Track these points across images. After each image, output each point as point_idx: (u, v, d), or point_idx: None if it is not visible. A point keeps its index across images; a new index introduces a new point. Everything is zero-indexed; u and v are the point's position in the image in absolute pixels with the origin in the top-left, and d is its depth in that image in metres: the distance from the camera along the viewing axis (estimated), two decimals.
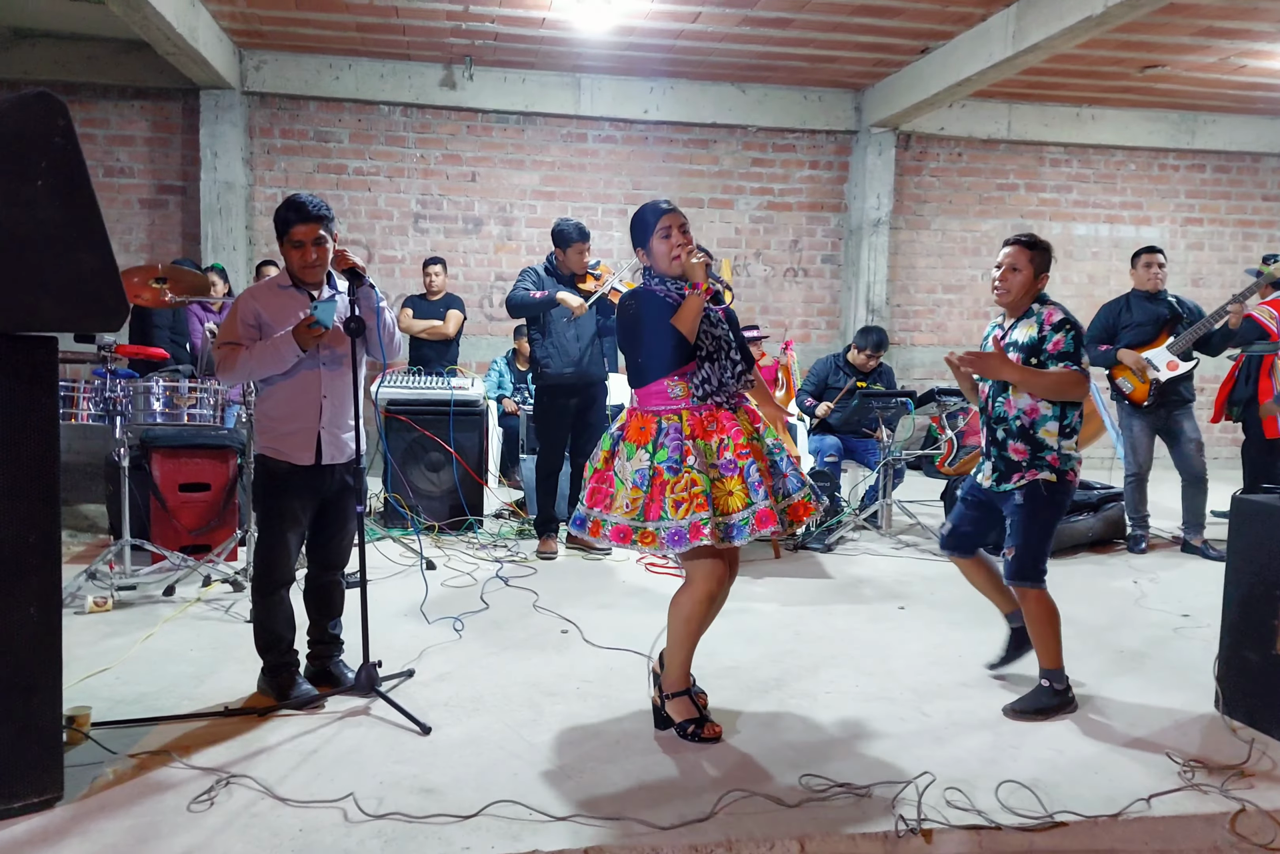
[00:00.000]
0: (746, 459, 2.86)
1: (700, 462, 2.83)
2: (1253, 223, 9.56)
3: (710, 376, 2.90)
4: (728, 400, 2.93)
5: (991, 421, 3.33)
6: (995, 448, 3.32)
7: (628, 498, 2.86)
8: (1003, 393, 3.28)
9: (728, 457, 2.87)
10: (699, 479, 2.80)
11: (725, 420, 2.91)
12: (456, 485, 5.68)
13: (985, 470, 3.37)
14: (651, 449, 2.87)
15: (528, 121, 8.34)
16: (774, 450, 2.97)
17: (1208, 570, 5.26)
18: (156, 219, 8.04)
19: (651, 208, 2.97)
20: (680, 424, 2.87)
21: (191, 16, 6.50)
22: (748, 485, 2.84)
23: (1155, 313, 5.46)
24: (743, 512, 2.83)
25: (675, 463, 2.83)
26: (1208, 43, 6.95)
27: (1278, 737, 3.03)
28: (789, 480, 2.95)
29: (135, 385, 4.25)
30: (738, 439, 2.88)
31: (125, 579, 4.34)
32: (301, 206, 3.03)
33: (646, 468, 2.85)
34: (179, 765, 2.69)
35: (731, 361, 2.94)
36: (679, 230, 2.92)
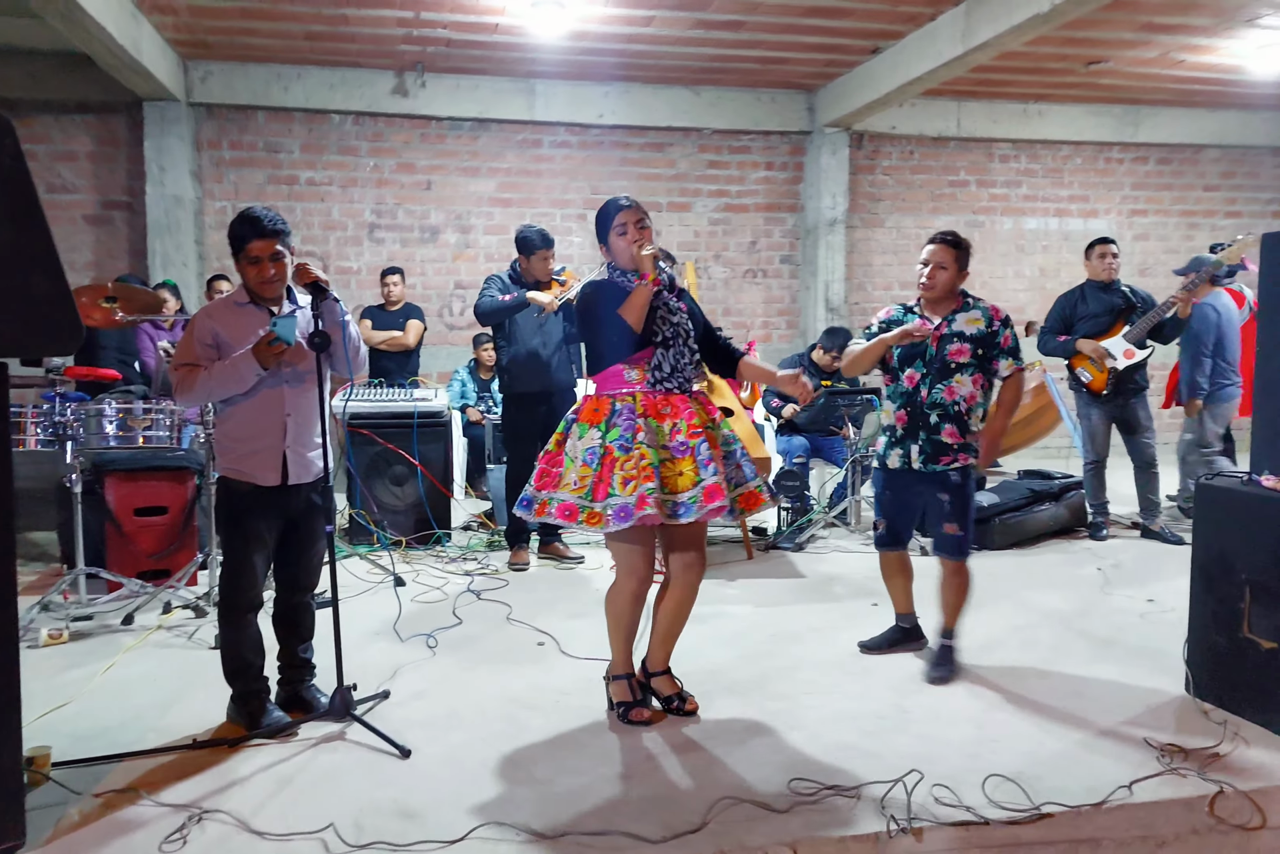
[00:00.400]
0: (698, 439, 2.92)
1: (650, 438, 2.88)
2: (1195, 213, 9.74)
3: (663, 363, 2.97)
4: (680, 387, 2.99)
5: (924, 407, 3.49)
6: (924, 431, 3.50)
7: (576, 475, 2.90)
8: (944, 380, 3.48)
9: (679, 439, 2.92)
10: (648, 453, 2.85)
11: (679, 404, 2.97)
12: (422, 498, 5.61)
13: (906, 454, 3.53)
14: (604, 428, 2.91)
15: (482, 128, 8.27)
16: (729, 441, 3.04)
17: (1168, 555, 5.34)
18: (102, 236, 7.88)
19: (611, 204, 3.05)
20: (634, 404, 2.93)
21: (134, 28, 6.37)
22: (697, 463, 2.89)
23: (1110, 303, 5.54)
24: (691, 490, 2.88)
25: (627, 441, 2.87)
26: (1149, 38, 7.06)
27: (1249, 718, 3.07)
28: (743, 469, 3.03)
29: (86, 408, 4.13)
30: (690, 420, 2.94)
31: (81, 609, 4.21)
32: (256, 221, 2.96)
33: (598, 446, 2.89)
34: (148, 803, 2.60)
35: (689, 349, 3.02)
36: (635, 226, 2.99)
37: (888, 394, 3.63)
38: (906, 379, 3.52)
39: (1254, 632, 3.03)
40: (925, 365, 3.50)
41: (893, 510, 3.68)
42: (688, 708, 3.15)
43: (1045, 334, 5.68)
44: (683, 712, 3.14)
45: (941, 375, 3.48)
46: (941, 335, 3.49)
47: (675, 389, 2.99)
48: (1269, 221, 9.69)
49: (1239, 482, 3.21)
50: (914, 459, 3.52)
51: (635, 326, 2.90)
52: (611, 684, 3.19)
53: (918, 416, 3.51)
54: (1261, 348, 3.21)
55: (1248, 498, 3.10)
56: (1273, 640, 2.96)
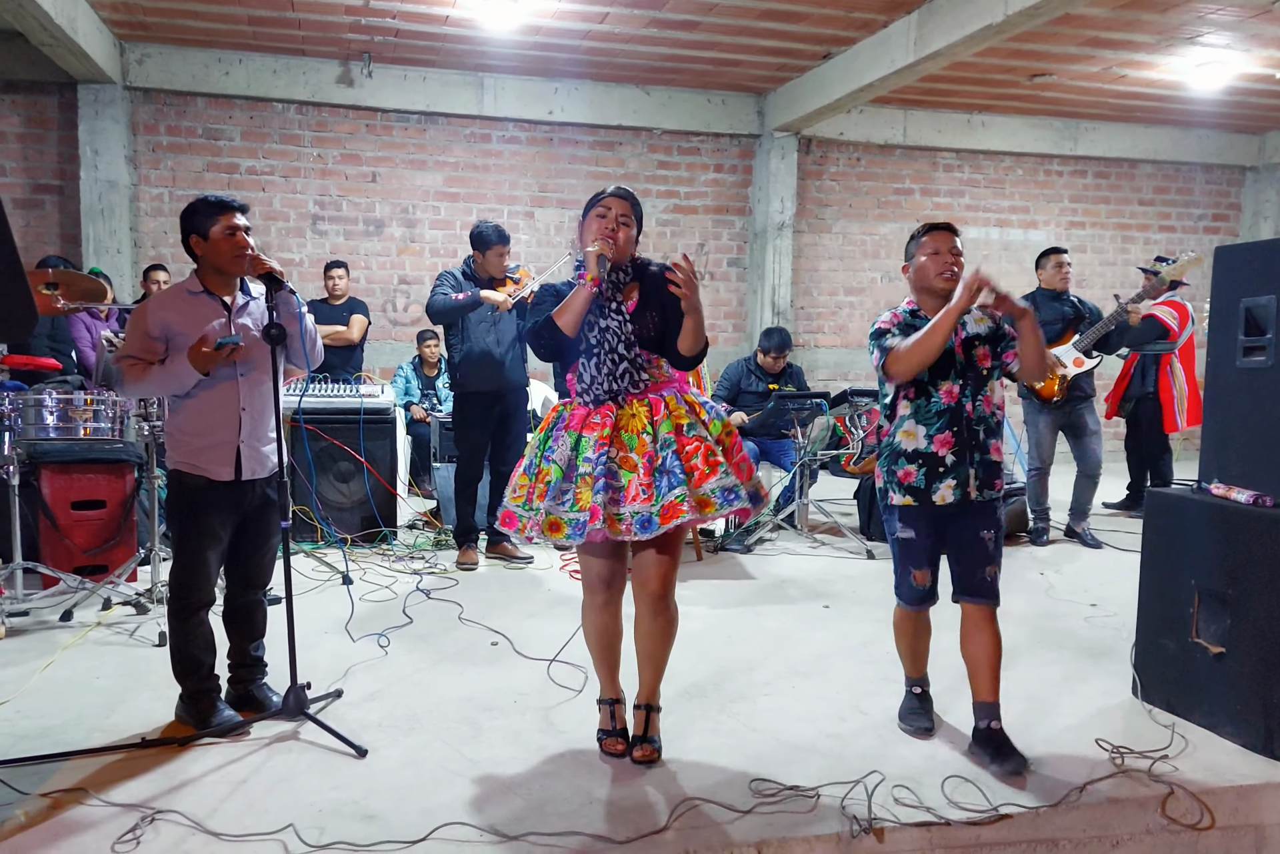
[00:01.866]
0: (600, 451, 2.69)
1: (562, 453, 2.74)
2: (1130, 226, 10.02)
3: (583, 373, 2.76)
4: (596, 400, 2.74)
5: (971, 423, 2.93)
6: (977, 452, 2.94)
7: (517, 482, 2.84)
8: (981, 390, 2.96)
9: (588, 454, 2.71)
10: (550, 470, 2.73)
11: (602, 415, 2.74)
12: (368, 496, 5.51)
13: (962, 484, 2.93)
14: (543, 437, 2.82)
15: (429, 121, 8.16)
16: (664, 445, 2.69)
17: (1108, 560, 5.48)
18: (32, 220, 7.60)
19: (609, 187, 2.85)
20: (568, 413, 2.81)
21: (70, 6, 6.16)
22: (593, 489, 2.67)
23: (1060, 312, 5.66)
24: (581, 513, 2.67)
25: (550, 451, 2.78)
26: (1093, 52, 7.24)
27: (1196, 721, 3.15)
28: (671, 477, 2.65)
29: (25, 398, 3.98)
30: (601, 432, 2.71)
31: (16, 604, 4.06)
32: (221, 199, 2.95)
33: (536, 456, 2.81)
34: (97, 803, 2.52)
35: (616, 357, 2.72)
36: (616, 217, 2.75)
37: (913, 414, 2.97)
38: (945, 394, 2.93)
39: (1202, 636, 3.11)
40: (959, 375, 2.94)
41: (935, 557, 3.04)
42: (635, 755, 2.83)
43: None
44: (632, 758, 2.83)
45: (978, 384, 2.95)
46: (964, 339, 2.96)
47: (591, 402, 2.75)
48: (1200, 236, 10.02)
49: (1189, 489, 3.30)
50: (972, 489, 2.93)
51: (567, 330, 2.70)
52: (599, 708, 2.99)
53: (968, 436, 2.93)
54: (1211, 358, 3.30)
55: (1197, 505, 3.18)
56: (1220, 645, 3.05)
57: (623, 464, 2.69)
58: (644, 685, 2.91)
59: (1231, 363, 3.19)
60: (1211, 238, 10.01)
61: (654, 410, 2.73)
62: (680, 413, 2.75)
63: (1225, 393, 3.23)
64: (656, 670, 2.89)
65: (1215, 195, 10.12)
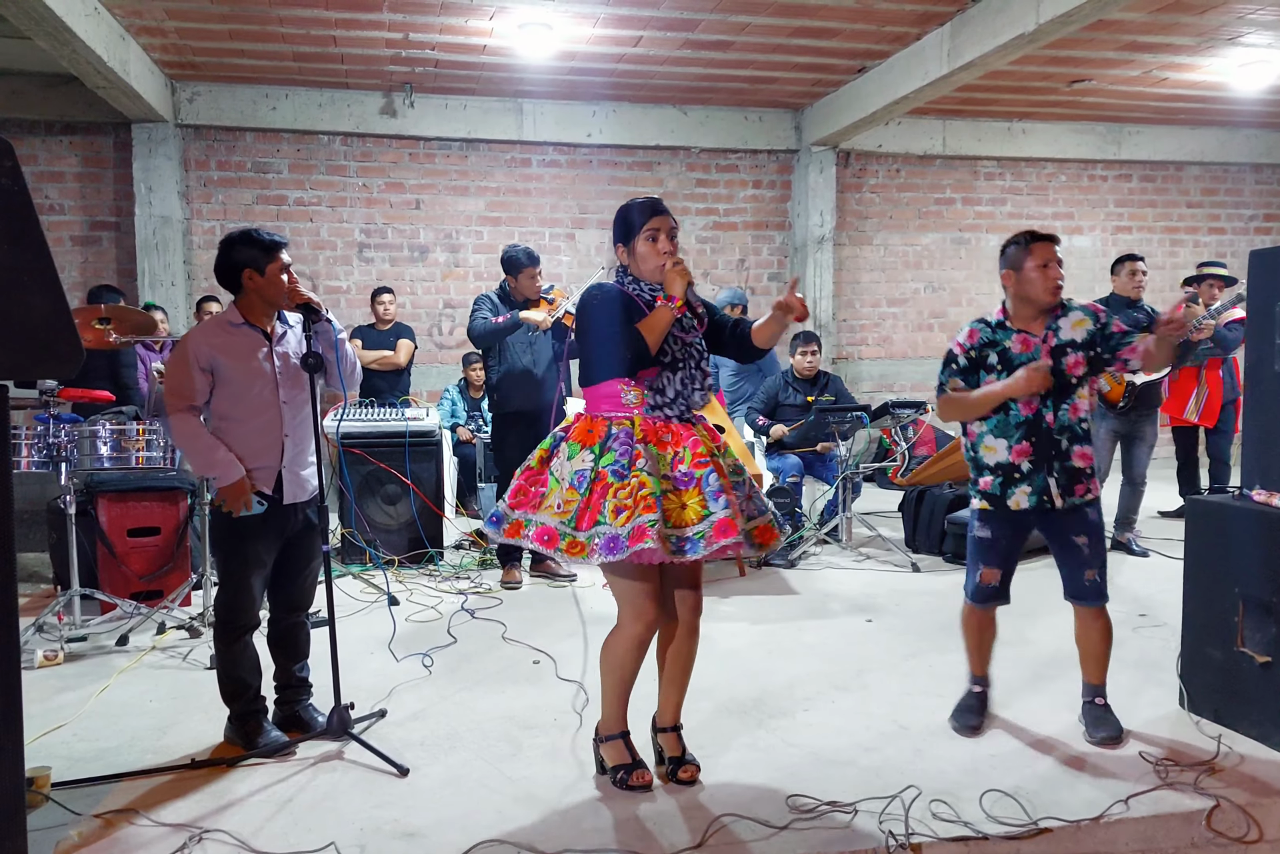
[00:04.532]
0: (705, 468, 2.62)
1: (651, 466, 2.58)
2: (1178, 230, 9.84)
3: (666, 386, 2.69)
4: (680, 415, 2.70)
5: (1053, 432, 3.01)
6: (1057, 460, 3.02)
7: (561, 498, 2.61)
8: (1068, 398, 3.02)
9: (683, 469, 2.62)
10: (648, 481, 2.54)
11: (681, 431, 2.68)
12: (415, 517, 5.60)
13: (1040, 490, 3.02)
14: (598, 451, 2.61)
15: (471, 148, 8.31)
16: (737, 470, 2.73)
17: (1158, 569, 5.37)
18: (90, 256, 7.87)
19: (642, 204, 2.74)
20: (632, 429, 2.64)
21: (122, 49, 6.39)
22: (704, 495, 2.59)
23: (1134, 319, 5.58)
24: (698, 525, 2.57)
25: (623, 467, 2.57)
26: (1131, 57, 7.15)
27: (1244, 732, 3.09)
28: (754, 501, 2.74)
29: (80, 430, 4.12)
30: (695, 449, 2.65)
31: (75, 630, 4.19)
32: (275, 239, 3.03)
33: (589, 470, 2.60)
34: (147, 823, 2.59)
35: (700, 373, 2.74)
36: (667, 235, 2.71)
37: (993, 428, 3.06)
38: (1023, 407, 3.01)
39: (1248, 645, 3.05)
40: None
41: (1006, 559, 3.19)
42: (682, 776, 2.79)
43: None
44: (677, 780, 2.79)
45: (1063, 394, 3.02)
46: (1052, 348, 3.02)
47: (675, 417, 2.69)
48: (1251, 238, 9.81)
49: (1230, 496, 3.24)
50: (1055, 495, 3.02)
51: (653, 347, 2.62)
52: (604, 746, 2.84)
53: (1047, 445, 3.01)
54: (1249, 365, 3.25)
55: (1239, 512, 3.13)
56: (1266, 654, 2.99)
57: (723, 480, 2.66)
58: (672, 707, 2.91)
59: (1269, 367, 3.14)
60: (1263, 239, 9.80)
61: (712, 436, 2.76)
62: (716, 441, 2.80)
63: (1264, 398, 3.18)
64: (683, 689, 2.91)
65: (1266, 195, 9.90)
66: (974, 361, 3.08)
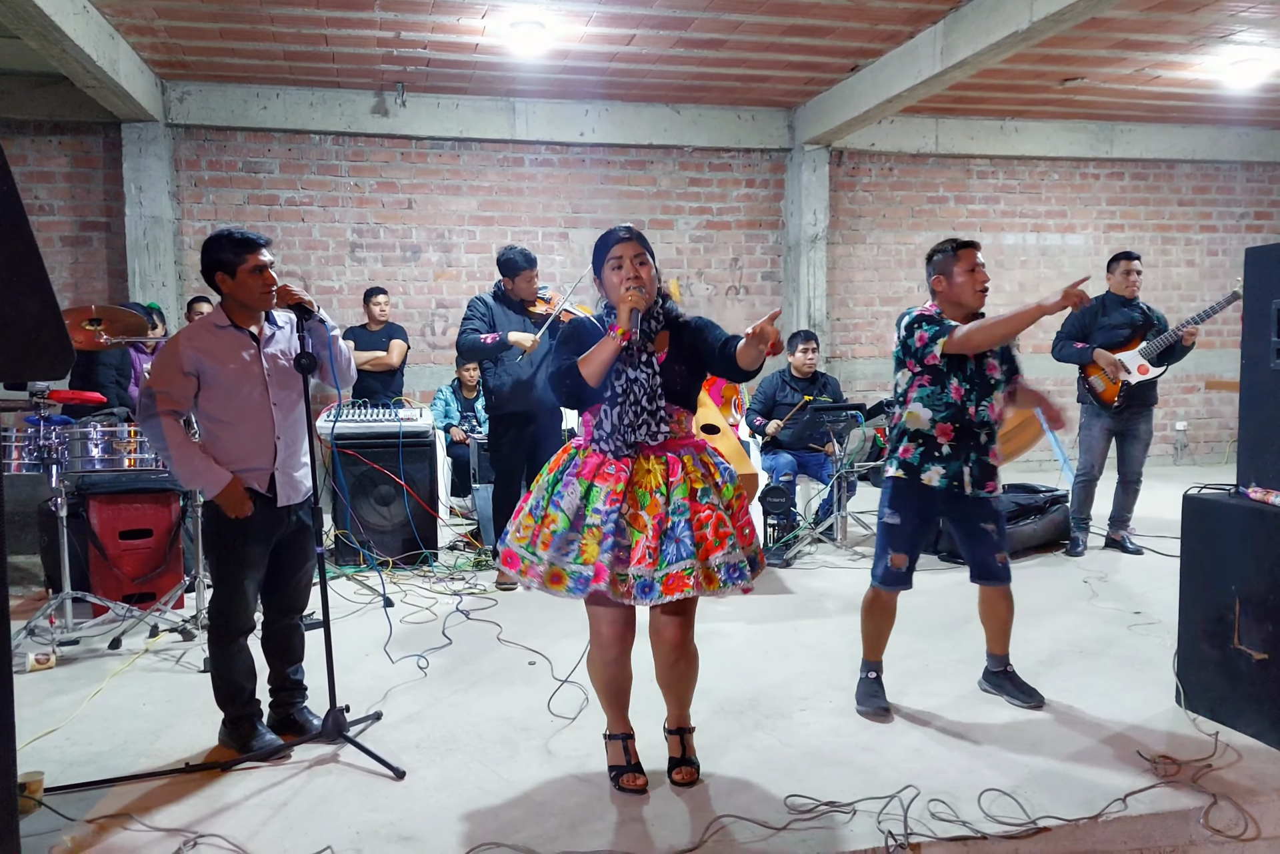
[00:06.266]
0: (612, 506, 2.61)
1: (571, 502, 2.64)
2: (1170, 227, 9.84)
3: (604, 420, 2.67)
4: (615, 451, 2.65)
5: (974, 426, 3.20)
6: (975, 452, 3.21)
7: (522, 521, 2.73)
8: (988, 396, 3.22)
9: (598, 506, 2.62)
10: (557, 518, 2.63)
11: (617, 469, 2.65)
12: (409, 518, 5.58)
13: (954, 476, 3.19)
14: (552, 480, 2.72)
15: (463, 147, 8.28)
16: (677, 511, 2.63)
17: (1152, 566, 5.38)
18: (80, 257, 7.82)
19: (610, 234, 2.74)
20: (581, 459, 2.70)
21: (111, 49, 6.35)
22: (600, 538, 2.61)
23: (1129, 317, 5.58)
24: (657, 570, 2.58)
25: (559, 496, 2.67)
26: (1124, 55, 7.15)
27: (1240, 729, 3.10)
28: (679, 546, 2.60)
29: (71, 431, 4.09)
30: (615, 486, 2.63)
31: (67, 633, 4.16)
32: (246, 236, 2.98)
33: (544, 499, 2.70)
34: (141, 827, 2.58)
35: (639, 409, 2.65)
36: (632, 261, 2.67)
37: (923, 398, 3.22)
38: (954, 390, 3.19)
39: (1244, 643, 3.05)
40: (967, 380, 3.20)
41: (917, 543, 3.33)
42: (675, 778, 2.82)
43: (1062, 340, 5.68)
44: (672, 781, 2.82)
45: (984, 391, 3.22)
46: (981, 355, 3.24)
47: (610, 452, 2.66)
48: (1242, 235, 9.82)
49: (1226, 494, 3.24)
50: (966, 483, 3.21)
51: (591, 381, 2.61)
52: (608, 744, 2.91)
53: (968, 435, 3.21)
54: (1245, 361, 3.25)
55: (1234, 510, 3.13)
56: (1262, 651, 2.99)
57: (632, 522, 2.62)
58: (673, 715, 2.93)
59: (1266, 365, 3.14)
60: (1254, 236, 9.81)
61: (671, 470, 2.67)
62: (696, 476, 2.69)
63: (1260, 395, 3.18)
64: (682, 701, 2.91)
65: (1257, 193, 9.91)
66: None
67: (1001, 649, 3.50)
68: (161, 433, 2.93)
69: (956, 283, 3.22)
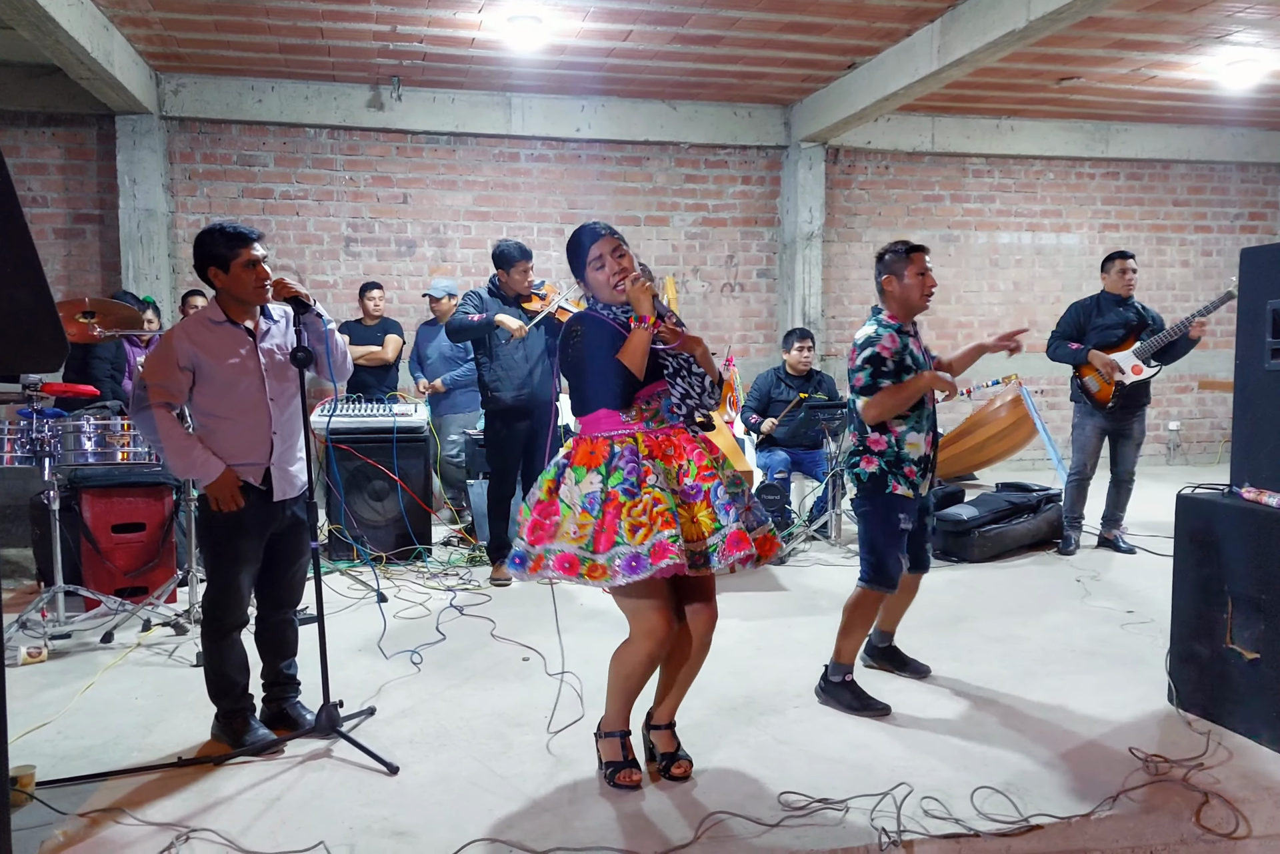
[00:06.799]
0: (711, 481, 2.64)
1: (662, 480, 2.59)
2: (1165, 227, 9.86)
3: (689, 391, 2.69)
4: (689, 415, 2.70)
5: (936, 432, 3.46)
6: (935, 452, 3.46)
7: (575, 524, 2.59)
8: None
9: (688, 481, 2.63)
10: (662, 497, 2.55)
11: (685, 443, 2.69)
12: (403, 514, 5.57)
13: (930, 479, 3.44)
14: (604, 472, 2.60)
15: (459, 142, 8.26)
16: (736, 481, 2.73)
17: (1144, 566, 5.40)
18: (73, 249, 7.78)
19: (583, 234, 2.74)
20: (635, 446, 2.63)
21: (106, 40, 6.32)
22: (714, 508, 2.61)
23: (1124, 317, 5.58)
24: (711, 537, 2.60)
25: (632, 485, 2.57)
26: (1120, 54, 7.16)
27: (1232, 728, 3.11)
28: (753, 512, 2.76)
29: (64, 424, 4.08)
30: (700, 461, 2.66)
31: (59, 627, 4.15)
32: (238, 230, 2.96)
33: (599, 492, 2.59)
34: (133, 822, 2.57)
35: (698, 377, 2.71)
36: (613, 257, 2.69)
37: (912, 424, 3.34)
38: (930, 401, 3.41)
39: (1236, 642, 3.06)
40: None
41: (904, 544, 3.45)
42: (675, 772, 2.83)
43: (1057, 340, 5.68)
44: (669, 775, 2.83)
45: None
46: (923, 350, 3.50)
47: (683, 418, 2.70)
48: (1237, 236, 9.84)
49: (1219, 494, 3.25)
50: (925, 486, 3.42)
51: (638, 372, 2.61)
52: (602, 741, 2.86)
53: (935, 439, 3.45)
54: (1239, 361, 3.25)
55: (1227, 510, 3.14)
56: (1255, 651, 3.00)
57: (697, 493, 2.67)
58: (669, 707, 2.93)
59: (1260, 365, 3.15)
60: (1248, 237, 9.83)
61: (711, 448, 2.76)
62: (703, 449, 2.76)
63: (1254, 396, 3.19)
64: (683, 695, 2.93)
65: (1251, 194, 9.93)
66: (899, 365, 3.31)
67: (893, 628, 3.75)
68: (155, 425, 2.92)
69: (906, 284, 3.35)
